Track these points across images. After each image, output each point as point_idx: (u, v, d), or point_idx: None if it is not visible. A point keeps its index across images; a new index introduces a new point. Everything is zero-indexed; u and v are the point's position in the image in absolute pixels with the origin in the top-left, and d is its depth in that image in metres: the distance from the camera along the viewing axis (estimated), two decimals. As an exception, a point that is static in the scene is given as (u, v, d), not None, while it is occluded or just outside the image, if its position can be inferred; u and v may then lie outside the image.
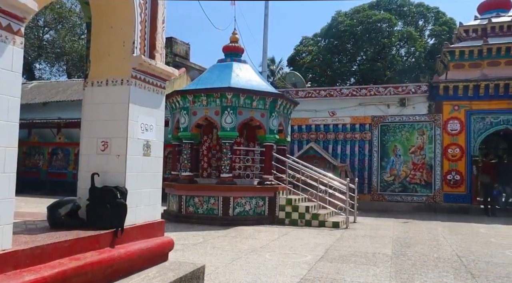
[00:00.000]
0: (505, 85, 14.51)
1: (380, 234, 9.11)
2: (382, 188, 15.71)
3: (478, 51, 15.28)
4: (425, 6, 30.35)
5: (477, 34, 16.03)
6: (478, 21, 16.50)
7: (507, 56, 15.00)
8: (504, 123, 14.73)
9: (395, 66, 28.92)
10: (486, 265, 6.19)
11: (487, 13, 16.77)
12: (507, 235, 9.44)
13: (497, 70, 14.94)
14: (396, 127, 15.77)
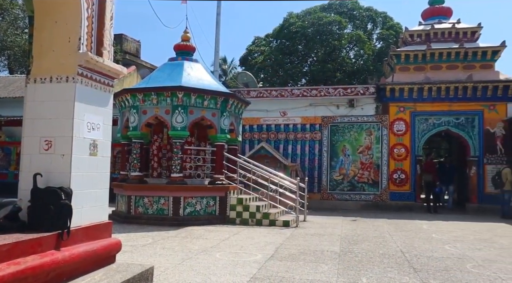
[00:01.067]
0: (446, 89, 15.22)
1: (329, 232, 9.31)
2: (331, 187, 16.06)
3: (422, 55, 15.94)
4: (374, 10, 31.26)
5: (421, 39, 16.71)
6: (422, 27, 17.20)
7: (448, 61, 15.74)
8: (445, 124, 15.45)
9: (344, 68, 29.59)
10: (427, 259, 6.47)
11: (430, 19, 17.51)
12: (447, 231, 9.91)
13: (439, 74, 15.65)
14: (345, 127, 16.18)
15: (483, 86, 15.04)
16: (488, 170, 15.00)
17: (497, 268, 5.90)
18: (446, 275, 5.45)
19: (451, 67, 15.77)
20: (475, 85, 15.05)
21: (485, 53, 15.58)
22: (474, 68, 15.62)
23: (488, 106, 15.18)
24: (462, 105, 15.33)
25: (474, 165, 15.19)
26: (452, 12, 17.67)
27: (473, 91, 15.15)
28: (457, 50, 15.59)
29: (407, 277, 5.34)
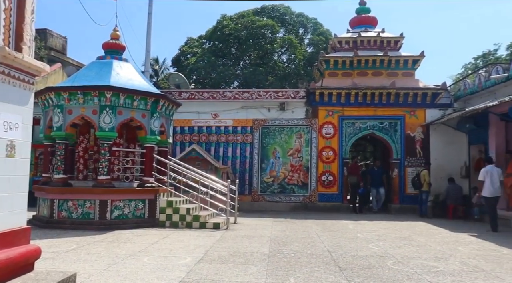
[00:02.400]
0: (371, 94, 15.94)
1: (258, 234, 9.41)
2: (262, 189, 16.26)
3: (349, 61, 16.60)
4: (305, 16, 32.12)
5: (349, 46, 17.40)
6: (350, 34, 17.91)
7: (373, 68, 16.51)
8: (371, 128, 16.18)
9: (276, 71, 30.11)
10: (352, 258, 6.72)
11: (357, 27, 18.29)
12: (371, 230, 10.37)
13: (365, 80, 16.37)
14: (276, 130, 16.44)
15: (404, 93, 15.91)
16: (409, 171, 15.88)
17: (414, 264, 6.26)
18: (369, 273, 5.69)
19: (376, 74, 16.56)
20: (397, 91, 15.89)
21: (407, 62, 16.53)
22: (397, 75, 16.50)
23: (409, 112, 16.08)
24: (386, 111, 16.13)
25: (396, 167, 16.02)
26: (377, 22, 18.57)
27: (396, 97, 15.99)
28: (382, 58, 16.39)
29: (332, 276, 5.52)
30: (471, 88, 15.23)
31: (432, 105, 15.96)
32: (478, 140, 14.90)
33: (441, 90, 15.98)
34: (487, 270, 6.10)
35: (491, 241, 8.95)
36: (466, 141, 15.44)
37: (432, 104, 15.95)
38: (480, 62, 33.93)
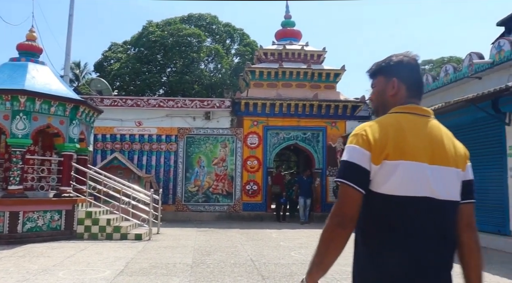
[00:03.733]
0: (295, 105, 16.38)
1: (182, 244, 9.26)
2: (186, 198, 16.06)
3: (274, 73, 16.96)
4: (232, 26, 32.39)
5: (274, 57, 17.79)
6: (275, 46, 18.32)
7: (297, 80, 17.01)
8: (294, 139, 16.60)
9: (203, 80, 30.01)
10: (275, 266, 6.82)
11: (282, 40, 18.77)
12: (293, 238, 10.59)
13: (289, 91, 16.80)
14: (201, 139, 16.36)
15: (326, 105, 16.53)
16: (330, 181, 16.46)
17: (333, 271, 6.48)
18: (291, 280, 5.80)
19: (300, 85, 17.07)
20: (320, 103, 16.46)
21: (329, 75, 17.21)
22: (319, 88, 17.11)
23: (330, 123, 16.72)
24: (309, 122, 16.64)
25: (318, 176, 16.53)
26: (302, 36, 19.19)
27: (318, 109, 16.55)
28: (305, 71, 16.93)
29: (255, 284, 5.55)
30: (386, 102, 16.14)
31: (352, 117, 16.71)
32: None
33: (360, 103, 16.79)
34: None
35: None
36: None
37: (352, 116, 16.70)
38: (395, 78, 36.07)
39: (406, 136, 1.60)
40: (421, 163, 1.57)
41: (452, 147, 1.72)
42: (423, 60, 37.04)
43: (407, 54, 1.83)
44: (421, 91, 1.81)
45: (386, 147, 1.57)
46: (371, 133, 1.61)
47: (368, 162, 1.58)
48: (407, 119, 1.66)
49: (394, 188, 1.54)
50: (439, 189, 1.59)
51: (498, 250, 9.40)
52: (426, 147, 1.62)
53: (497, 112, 10.07)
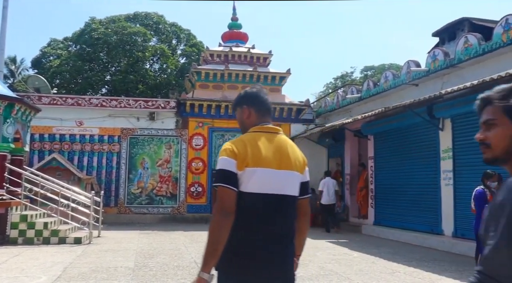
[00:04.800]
0: (241, 107, 16.42)
1: (124, 247, 9.05)
2: (129, 200, 15.69)
3: (220, 74, 16.95)
4: (179, 26, 32.01)
5: (221, 59, 17.78)
6: (222, 48, 18.31)
7: (243, 82, 17.07)
8: (238, 140, 16.63)
9: (147, 80, 29.46)
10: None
11: (229, 42, 18.78)
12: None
13: (235, 93, 16.55)
14: (145, 140, 16.06)
15: (272, 107, 16.68)
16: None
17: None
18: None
19: (246, 88, 17.12)
20: (265, 106, 16.60)
21: (274, 78, 17.43)
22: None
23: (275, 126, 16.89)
24: (254, 124, 16.74)
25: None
26: (248, 38, 19.30)
27: (264, 111, 16.68)
28: (251, 73, 17.05)
29: (198, 287, 5.52)
30: (330, 105, 16.61)
31: (296, 120, 17.00)
32: (336, 154, 16.27)
33: (304, 106, 17.12)
34: (340, 272, 6.65)
35: (345, 246, 9.78)
36: (326, 154, 16.73)
37: (296, 119, 17.00)
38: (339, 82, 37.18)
39: (260, 150, 2.21)
40: (271, 169, 2.20)
41: (295, 156, 2.35)
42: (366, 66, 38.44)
43: (254, 87, 2.56)
44: (269, 112, 2.50)
45: (246, 157, 2.17)
46: (236, 147, 2.20)
47: (235, 168, 2.16)
48: (261, 136, 2.29)
49: (253, 187, 2.16)
50: (284, 187, 2.25)
51: (431, 248, 9.90)
52: (275, 156, 2.24)
53: (432, 118, 10.62)
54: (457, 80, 9.96)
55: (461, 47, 9.98)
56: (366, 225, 13.30)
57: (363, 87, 14.37)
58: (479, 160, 7.20)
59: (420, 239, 10.63)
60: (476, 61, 9.63)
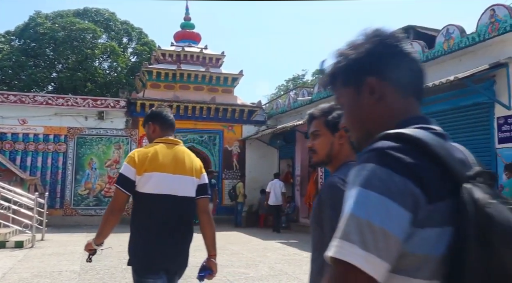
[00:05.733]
0: (192, 108, 16.32)
1: (69, 250, 8.75)
2: (75, 202, 15.17)
3: (172, 74, 16.75)
4: (130, 24, 31.33)
5: (173, 59, 17.57)
6: (174, 48, 18.10)
7: (195, 82, 16.97)
8: (191, 141, 16.50)
9: (97, 78, 28.65)
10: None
11: (181, 41, 18.59)
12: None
13: (187, 94, 16.70)
14: (93, 140, 15.60)
15: (223, 109, 16.70)
16: (226, 184, 16.63)
17: (227, 272, 6.56)
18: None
19: (198, 88, 17.05)
20: (217, 107, 16.58)
21: (227, 79, 17.42)
22: (217, 91, 17.23)
23: (227, 127, 16.91)
24: (206, 125, 16.68)
25: (214, 179, 16.60)
26: (201, 38, 19.19)
27: (216, 112, 16.66)
28: (204, 74, 16.96)
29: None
30: (282, 107, 16.80)
31: (248, 121, 17.07)
32: (287, 155, 16.46)
33: (256, 108, 17.22)
34: (289, 272, 6.74)
35: (294, 247, 9.92)
36: (277, 156, 16.90)
37: (248, 121, 17.06)
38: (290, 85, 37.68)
39: (158, 157, 2.66)
40: (167, 173, 2.65)
41: (191, 163, 2.81)
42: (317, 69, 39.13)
43: (159, 106, 3.11)
44: (172, 127, 2.98)
45: (145, 164, 2.63)
46: (137, 156, 2.67)
47: (134, 175, 2.63)
48: (161, 147, 2.75)
49: (151, 188, 2.62)
50: (179, 189, 2.69)
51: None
52: (171, 163, 2.70)
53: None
54: (403, 85, 10.34)
55: (406, 53, 10.36)
56: (315, 226, 13.56)
57: (314, 90, 14.64)
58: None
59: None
60: (421, 67, 10.04)
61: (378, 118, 1.00)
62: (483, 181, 0.86)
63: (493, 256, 0.78)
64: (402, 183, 0.82)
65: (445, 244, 0.82)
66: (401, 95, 1.01)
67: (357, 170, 0.87)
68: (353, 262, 0.79)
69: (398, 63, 1.00)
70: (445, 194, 0.84)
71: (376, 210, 0.80)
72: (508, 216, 0.79)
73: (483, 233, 0.78)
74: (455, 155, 0.91)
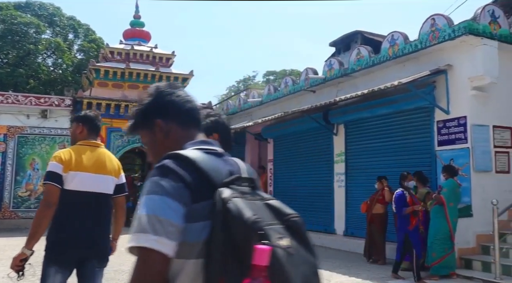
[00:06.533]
0: (142, 108, 15.98)
1: (7, 255, 8.28)
2: (15, 204, 14.49)
3: (121, 73, 16.37)
4: (77, 21, 30.27)
5: (121, 57, 17.16)
6: (123, 46, 17.67)
7: (145, 82, 16.66)
8: (139, 141, 16.16)
9: (40, 75, 27.49)
10: (115, 273, 6.57)
11: (131, 40, 18.17)
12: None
13: (136, 93, 16.29)
14: (36, 139, 14.96)
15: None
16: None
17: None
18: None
19: (147, 88, 16.58)
20: (167, 107, 16.33)
21: (177, 79, 17.21)
22: (167, 91, 16.96)
23: (177, 127, 16.69)
24: (155, 125, 16.38)
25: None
26: (151, 37, 18.85)
27: (165, 112, 16.40)
28: (153, 73, 16.69)
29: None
30: (232, 108, 16.82)
31: (198, 122, 16.95)
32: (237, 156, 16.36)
33: (207, 108, 17.13)
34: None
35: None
36: (226, 157, 16.87)
37: (198, 121, 16.94)
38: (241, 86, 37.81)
39: (82, 158, 3.00)
40: (89, 173, 3.01)
41: (111, 164, 3.18)
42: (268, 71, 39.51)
43: (92, 111, 3.43)
44: (98, 132, 3.30)
45: (71, 164, 2.97)
46: (63, 155, 3.00)
47: (61, 171, 2.94)
48: (84, 148, 3.11)
49: (75, 186, 2.95)
50: (100, 187, 3.05)
51: (325, 247, 10.45)
52: (93, 164, 3.05)
53: (327, 123, 11.22)
54: (350, 89, 10.64)
55: (354, 58, 10.68)
56: (264, 226, 13.65)
57: (264, 91, 14.75)
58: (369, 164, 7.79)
59: (315, 239, 11.14)
60: (367, 71, 10.37)
61: (169, 149, 1.30)
62: (242, 185, 1.23)
63: (229, 236, 1.09)
64: (177, 187, 1.15)
65: (207, 232, 1.13)
66: (182, 129, 1.40)
67: (147, 182, 1.19)
68: (148, 245, 1.09)
69: (175, 106, 1.41)
70: (206, 195, 1.16)
71: (160, 207, 1.12)
72: (240, 209, 1.10)
73: (224, 222, 1.10)
74: (220, 167, 1.27)
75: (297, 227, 1.18)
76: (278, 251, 1.07)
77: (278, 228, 1.14)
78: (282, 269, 1.06)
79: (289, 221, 1.18)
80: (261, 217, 1.11)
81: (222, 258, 1.09)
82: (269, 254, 1.04)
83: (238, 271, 1.06)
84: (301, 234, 1.18)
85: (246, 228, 1.08)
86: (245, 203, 1.13)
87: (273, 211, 1.19)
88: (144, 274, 1.12)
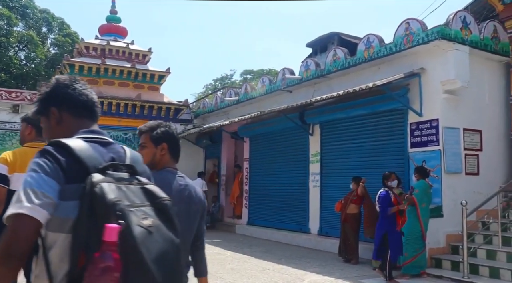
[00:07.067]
0: (117, 104, 15.80)
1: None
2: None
3: (96, 69, 16.11)
4: (51, 14, 29.66)
5: (97, 53, 16.89)
6: (98, 41, 17.40)
7: (120, 78, 16.44)
8: (114, 138, 15.89)
9: (12, 69, 26.85)
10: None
11: (106, 35, 17.91)
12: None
13: (111, 89, 16.13)
14: (6, 135, 14.62)
15: (149, 106, 16.35)
16: (150, 183, 16.27)
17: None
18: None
19: (123, 84, 16.53)
20: (143, 104, 16.20)
21: (153, 76, 17.06)
22: (143, 88, 16.83)
23: (153, 125, 16.54)
24: (131, 122, 16.17)
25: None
26: (128, 33, 18.61)
27: (141, 109, 16.27)
28: (129, 70, 16.48)
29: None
30: (209, 107, 16.77)
31: (175, 119, 16.82)
32: (213, 155, 16.47)
33: (183, 106, 17.05)
34: (212, 272, 6.75)
35: (218, 246, 9.96)
36: (203, 155, 16.85)
37: (175, 119, 16.82)
38: (218, 84, 37.70)
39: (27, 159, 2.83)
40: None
41: None
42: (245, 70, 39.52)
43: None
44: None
45: (16, 165, 3.07)
46: (9, 157, 3.12)
47: (6, 171, 3.06)
48: (30, 150, 3.11)
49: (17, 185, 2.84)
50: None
51: (299, 246, 10.54)
52: None
53: (303, 123, 11.32)
54: (326, 89, 10.74)
55: (330, 59, 10.78)
56: (240, 225, 13.69)
57: (241, 90, 14.75)
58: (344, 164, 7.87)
59: (290, 238, 11.24)
60: (343, 73, 10.49)
61: (60, 135, 1.50)
62: (120, 170, 1.40)
63: (94, 216, 1.26)
64: (53, 167, 1.33)
65: (77, 210, 1.29)
66: (74, 118, 1.58)
67: (29, 163, 1.37)
68: (22, 211, 1.24)
69: (70, 98, 1.57)
70: (79, 179, 1.32)
71: (37, 181, 1.30)
72: (105, 192, 1.27)
73: (90, 203, 1.27)
74: (98, 155, 1.43)
75: (166, 209, 1.38)
76: (136, 228, 1.24)
77: (145, 209, 1.33)
78: (134, 245, 1.22)
79: (159, 204, 1.38)
80: (122, 199, 1.29)
81: (86, 234, 1.26)
82: (117, 231, 1.20)
83: (97, 247, 1.20)
84: (168, 215, 1.37)
85: (106, 209, 1.25)
86: (112, 187, 1.31)
87: (147, 194, 1.38)
88: (13, 237, 1.24)
